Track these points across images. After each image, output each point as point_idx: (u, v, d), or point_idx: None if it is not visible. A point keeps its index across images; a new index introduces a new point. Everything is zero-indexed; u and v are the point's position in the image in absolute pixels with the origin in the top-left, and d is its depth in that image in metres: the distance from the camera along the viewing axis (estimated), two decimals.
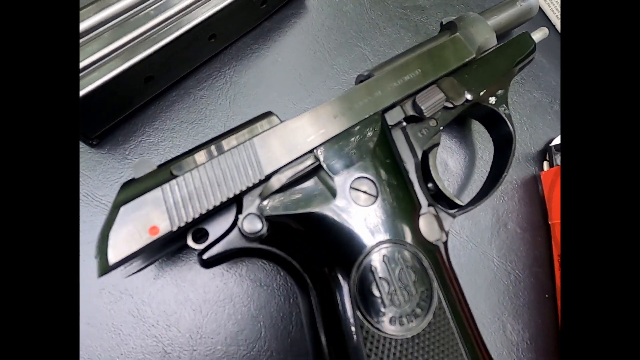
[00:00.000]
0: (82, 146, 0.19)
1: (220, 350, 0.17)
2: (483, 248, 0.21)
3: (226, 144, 0.15)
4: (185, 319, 0.18)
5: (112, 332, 0.17)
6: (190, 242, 0.15)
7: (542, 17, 0.28)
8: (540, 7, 0.28)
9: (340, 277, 0.14)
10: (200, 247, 0.15)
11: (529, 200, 0.23)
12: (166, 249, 0.15)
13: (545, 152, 0.24)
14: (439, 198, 0.19)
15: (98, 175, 0.19)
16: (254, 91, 0.22)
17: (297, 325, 0.18)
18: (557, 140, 0.23)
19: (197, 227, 0.15)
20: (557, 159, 0.23)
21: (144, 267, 0.15)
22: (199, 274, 0.18)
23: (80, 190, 0.19)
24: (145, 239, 0.13)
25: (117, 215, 0.13)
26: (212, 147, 0.15)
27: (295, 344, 0.18)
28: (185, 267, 0.18)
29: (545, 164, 0.23)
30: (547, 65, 0.26)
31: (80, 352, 0.17)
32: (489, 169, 0.21)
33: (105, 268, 0.13)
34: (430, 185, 0.19)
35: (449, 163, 0.22)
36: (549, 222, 0.22)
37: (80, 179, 0.19)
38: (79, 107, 0.17)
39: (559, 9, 0.27)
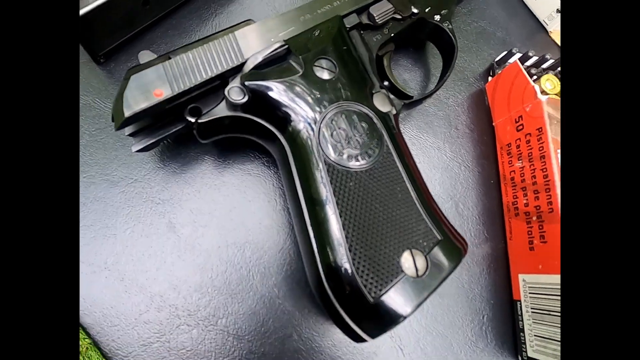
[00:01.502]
0: (90, 62, 0.22)
1: (219, 220, 0.21)
2: (438, 145, 0.25)
3: (214, 38, 0.18)
4: (192, 200, 0.21)
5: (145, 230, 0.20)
6: (187, 116, 0.18)
7: None
8: None
9: (307, 131, 0.17)
10: (194, 119, 0.18)
11: (477, 108, 0.27)
12: (167, 129, 0.19)
13: (489, 70, 0.28)
14: (393, 92, 0.22)
15: (104, 88, 0.22)
16: (234, 20, 0.25)
17: (281, 198, 0.22)
18: (498, 58, 0.27)
19: (192, 105, 0.18)
20: (498, 71, 0.26)
21: (150, 144, 0.19)
22: (206, 172, 0.22)
23: (87, 99, 0.22)
24: (152, 100, 0.16)
25: (128, 82, 0.16)
26: (203, 40, 0.18)
27: (280, 213, 0.21)
28: (198, 172, 0.22)
29: (490, 79, 0.27)
30: (491, 0, 0.30)
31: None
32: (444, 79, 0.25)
33: (121, 121, 0.16)
34: (386, 83, 0.23)
35: (406, 77, 0.26)
36: (493, 124, 0.26)
37: (88, 90, 0.22)
38: (82, 26, 0.20)
39: None
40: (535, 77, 0.25)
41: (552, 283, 0.20)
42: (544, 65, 0.26)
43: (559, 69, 0.25)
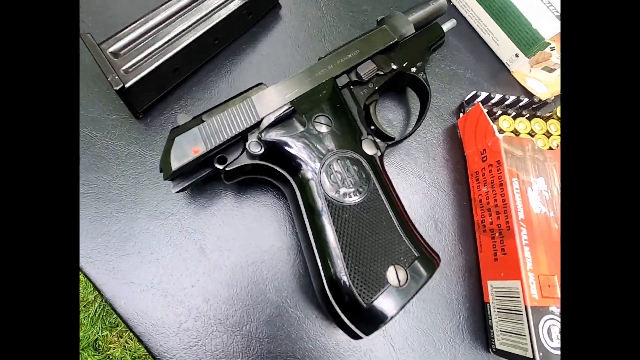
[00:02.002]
0: (131, 118, 0.27)
1: (241, 244, 0.26)
2: (418, 173, 0.30)
3: (234, 101, 0.23)
4: (218, 229, 0.26)
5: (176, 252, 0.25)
6: (216, 164, 0.23)
7: (454, 11, 0.37)
8: (452, 3, 0.38)
9: (311, 174, 0.22)
10: (222, 167, 0.23)
11: (451, 141, 0.32)
12: (200, 173, 0.24)
13: (460, 107, 0.33)
14: (379, 135, 0.27)
15: (143, 138, 0.27)
16: (246, 76, 0.30)
17: (290, 224, 0.26)
18: (467, 97, 0.32)
19: (220, 155, 0.23)
20: (467, 109, 0.32)
21: (186, 186, 0.23)
22: (228, 205, 0.26)
23: (130, 148, 0.27)
24: (191, 156, 0.21)
25: (173, 143, 0.21)
26: (226, 104, 0.23)
27: (289, 237, 0.26)
28: (222, 206, 0.27)
29: (461, 115, 0.32)
30: (460, 46, 0.35)
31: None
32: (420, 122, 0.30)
33: (169, 174, 0.21)
34: (372, 127, 0.28)
35: (390, 117, 0.31)
36: (464, 154, 0.31)
37: (130, 141, 0.27)
38: (127, 93, 0.25)
39: (468, 4, 0.37)
40: (498, 112, 0.30)
41: (512, 288, 0.24)
42: (506, 103, 0.31)
43: (519, 104, 0.31)
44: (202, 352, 0.23)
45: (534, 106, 0.31)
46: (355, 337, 0.21)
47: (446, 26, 0.32)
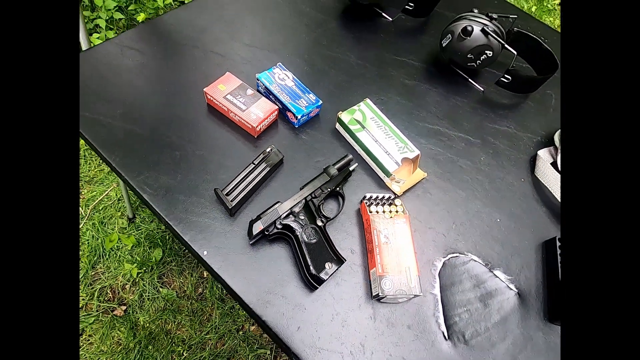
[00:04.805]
0: (229, 217, 0.70)
1: (258, 277, 0.67)
2: (344, 229, 0.73)
3: (273, 208, 0.67)
4: (250, 272, 0.67)
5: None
6: (258, 230, 0.66)
7: (359, 158, 0.83)
8: (354, 149, 0.84)
9: (299, 233, 0.65)
10: (268, 233, 0.66)
11: (359, 224, 0.75)
12: (259, 236, 0.66)
13: (362, 200, 0.77)
14: (324, 217, 0.71)
15: (234, 229, 0.70)
16: (271, 198, 0.75)
17: (293, 260, 0.68)
18: (367, 197, 0.76)
19: (266, 227, 0.66)
20: (371, 208, 0.75)
21: (254, 240, 0.66)
22: (264, 256, 0.68)
23: (227, 238, 0.69)
24: (259, 229, 0.64)
25: (253, 224, 0.64)
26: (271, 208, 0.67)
27: (294, 269, 0.68)
28: (258, 259, 0.69)
29: (362, 203, 0.76)
30: (359, 171, 0.80)
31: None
32: (340, 211, 0.73)
33: (251, 237, 0.64)
34: (321, 213, 0.71)
35: (331, 207, 0.75)
36: (363, 221, 0.74)
37: (223, 232, 0.70)
38: (232, 208, 0.69)
39: (362, 155, 0.83)
40: (377, 203, 0.74)
41: (374, 271, 0.66)
42: (384, 199, 0.75)
43: (385, 197, 0.74)
44: None
45: (392, 197, 0.75)
46: (315, 288, 0.62)
47: (352, 167, 0.78)
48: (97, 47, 0.87)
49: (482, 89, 0.97)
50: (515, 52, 0.87)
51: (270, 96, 0.83)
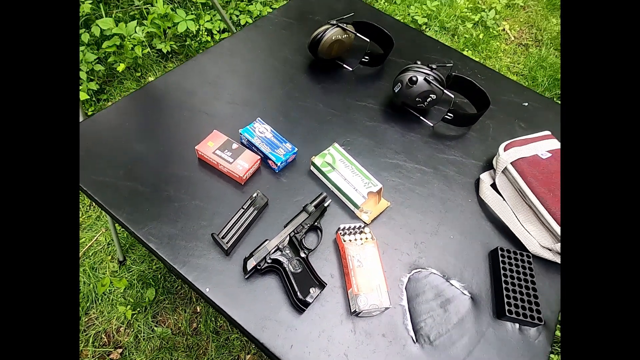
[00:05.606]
0: (224, 256, 0.82)
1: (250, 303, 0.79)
2: (323, 257, 0.86)
3: (263, 245, 0.80)
4: (245, 299, 0.80)
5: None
6: (253, 266, 0.78)
7: (332, 195, 0.98)
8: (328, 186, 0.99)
9: (286, 265, 0.78)
10: (260, 267, 0.78)
11: (336, 251, 0.89)
12: (253, 271, 0.79)
13: (337, 231, 0.91)
14: (307, 249, 0.84)
15: (232, 266, 0.82)
16: (261, 235, 0.87)
17: (283, 288, 0.81)
18: (342, 227, 0.90)
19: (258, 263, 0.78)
20: (344, 237, 0.89)
21: (249, 275, 0.78)
22: (258, 288, 0.81)
23: (225, 275, 0.81)
24: (252, 265, 0.77)
25: (247, 261, 0.77)
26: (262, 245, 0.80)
27: (284, 296, 0.80)
28: (253, 291, 0.81)
29: (337, 234, 0.90)
30: (333, 204, 0.95)
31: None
32: (319, 242, 0.87)
33: (246, 273, 0.76)
34: (302, 246, 0.84)
35: (312, 239, 0.88)
36: (339, 250, 0.88)
37: (221, 270, 0.82)
38: (227, 248, 0.81)
39: (335, 192, 0.98)
40: (349, 233, 0.88)
41: (350, 290, 0.79)
42: (356, 228, 0.89)
43: (356, 227, 0.89)
44: None
45: (362, 226, 0.90)
46: (302, 310, 0.74)
47: (327, 203, 0.92)
48: (96, 116, 1.00)
49: (432, 125, 1.15)
50: (452, 96, 1.06)
51: (253, 147, 0.97)
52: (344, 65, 1.25)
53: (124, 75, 2.26)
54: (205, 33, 2.36)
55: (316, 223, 0.87)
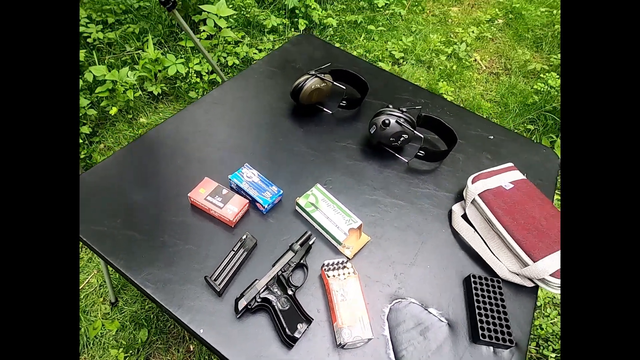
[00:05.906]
0: (217, 297, 0.88)
1: (243, 340, 0.85)
2: (309, 293, 0.92)
3: (253, 284, 0.86)
4: (243, 337, 0.85)
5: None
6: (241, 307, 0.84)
7: (317, 232, 1.06)
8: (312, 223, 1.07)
9: (275, 303, 0.84)
10: (251, 306, 0.84)
11: (321, 286, 0.95)
12: (244, 310, 0.84)
13: (322, 267, 0.98)
14: (294, 286, 0.90)
15: (224, 307, 0.87)
16: (251, 274, 0.94)
17: (272, 325, 0.86)
18: (326, 263, 0.97)
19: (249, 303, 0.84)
20: (328, 273, 0.96)
21: (240, 315, 0.84)
22: (250, 326, 0.86)
23: (217, 316, 0.87)
24: (243, 305, 0.82)
25: (238, 301, 0.83)
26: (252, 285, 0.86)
27: (274, 332, 0.86)
28: (245, 329, 0.87)
29: (322, 271, 0.97)
30: (318, 242, 1.02)
31: None
32: (305, 279, 0.94)
33: (237, 312, 0.82)
34: (290, 284, 0.91)
35: (299, 276, 0.95)
36: (324, 285, 0.94)
37: (214, 311, 0.87)
38: (220, 289, 0.87)
39: (318, 229, 1.05)
40: (333, 268, 0.95)
41: (336, 322, 0.85)
42: (339, 263, 0.96)
43: (339, 262, 0.96)
44: None
45: (345, 261, 0.97)
46: (291, 346, 0.80)
47: (311, 241, 0.99)
48: (96, 168, 1.07)
49: (407, 161, 1.25)
50: (422, 136, 1.17)
51: (242, 191, 1.05)
52: (324, 109, 1.36)
53: (116, 117, 2.35)
54: (195, 75, 2.49)
55: (302, 260, 0.94)
